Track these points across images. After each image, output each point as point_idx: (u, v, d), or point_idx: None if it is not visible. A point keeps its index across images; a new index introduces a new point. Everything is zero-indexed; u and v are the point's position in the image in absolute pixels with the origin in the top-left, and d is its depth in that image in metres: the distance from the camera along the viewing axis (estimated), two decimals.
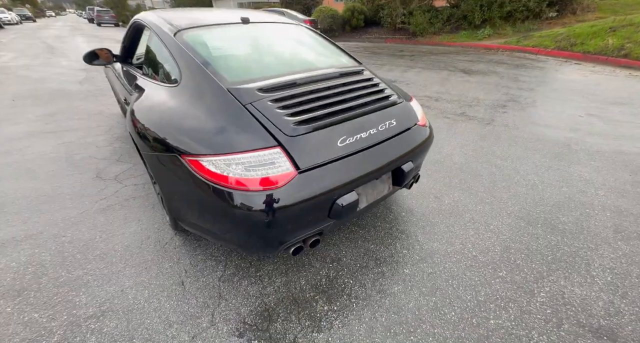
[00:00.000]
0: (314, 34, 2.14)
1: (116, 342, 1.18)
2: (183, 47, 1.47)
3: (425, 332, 1.24)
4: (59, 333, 1.21)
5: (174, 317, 1.29)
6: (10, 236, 1.73)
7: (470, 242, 1.72)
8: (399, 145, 1.48)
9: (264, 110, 1.22)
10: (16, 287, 1.42)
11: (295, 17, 12.06)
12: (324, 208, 1.24)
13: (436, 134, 3.18)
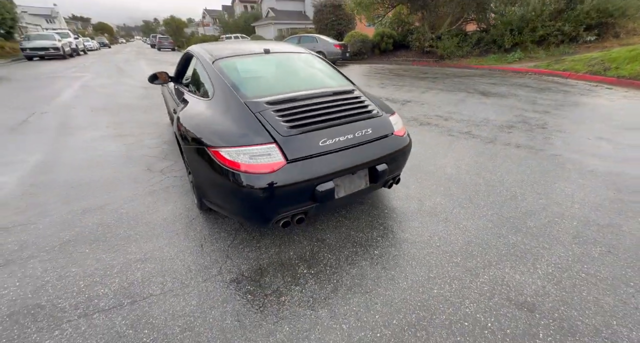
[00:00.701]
0: (321, 61, 2.65)
1: (153, 277, 1.67)
2: (217, 71, 2.06)
3: (378, 293, 1.57)
4: (117, 267, 1.74)
5: (193, 266, 1.76)
6: (86, 207, 2.37)
7: (437, 236, 2.01)
8: (373, 149, 1.89)
9: (268, 117, 1.71)
10: (91, 238, 2.00)
11: (327, 41, 13.04)
12: (307, 191, 1.66)
13: (436, 149, 3.48)
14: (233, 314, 1.45)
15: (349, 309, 1.48)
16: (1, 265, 1.76)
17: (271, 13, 30.46)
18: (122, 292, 1.57)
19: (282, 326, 1.40)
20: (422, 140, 3.80)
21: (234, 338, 1.34)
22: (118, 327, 1.38)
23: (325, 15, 18.35)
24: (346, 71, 11.19)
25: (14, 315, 1.43)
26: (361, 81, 8.74)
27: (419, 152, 3.42)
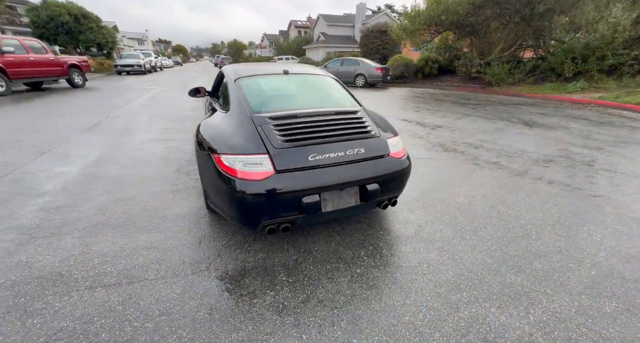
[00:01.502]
0: (335, 84, 2.80)
1: (152, 264, 1.88)
2: (236, 88, 2.33)
3: (347, 310, 1.56)
4: (127, 251, 2.00)
5: (187, 259, 1.94)
6: (119, 197, 2.75)
7: (427, 263, 1.93)
8: (364, 168, 1.94)
9: (266, 130, 1.89)
10: (115, 224, 2.33)
11: (368, 64, 13.38)
12: (293, 202, 1.77)
13: (454, 176, 3.34)
14: (207, 307, 1.57)
15: (313, 321, 1.50)
16: (46, 236, 2.14)
17: (322, 37, 32.38)
18: (124, 273, 1.80)
19: (246, 325, 1.47)
20: (441, 166, 3.68)
21: (201, 328, 1.45)
22: (111, 302, 1.59)
23: (371, 40, 18.94)
24: (385, 94, 11.31)
25: (40, 278, 1.74)
26: (396, 104, 8.76)
27: (433, 177, 3.32)
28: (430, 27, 13.46)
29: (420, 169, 3.58)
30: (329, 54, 29.55)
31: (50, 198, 2.69)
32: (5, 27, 23.17)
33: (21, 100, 7.93)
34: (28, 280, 1.72)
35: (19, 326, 1.43)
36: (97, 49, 21.49)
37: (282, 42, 39.26)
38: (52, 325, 1.43)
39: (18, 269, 1.80)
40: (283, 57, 30.48)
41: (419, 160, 3.89)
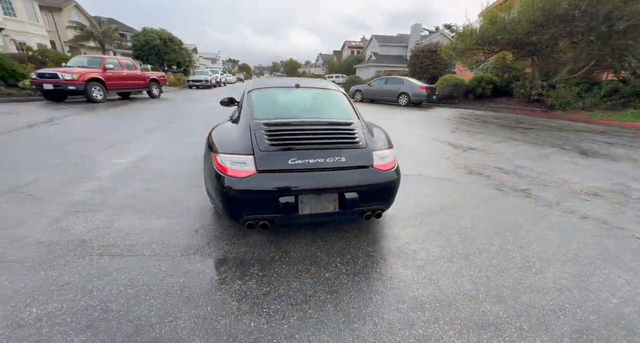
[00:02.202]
0: (342, 98, 2.93)
1: (153, 243, 2.18)
2: (247, 98, 2.63)
3: (300, 308, 1.62)
4: (139, 229, 2.35)
5: (182, 244, 2.20)
6: (150, 187, 3.22)
7: (398, 279, 1.88)
8: (343, 176, 2.01)
9: (258, 135, 2.10)
10: (140, 208, 2.74)
11: (413, 83, 13.20)
12: (271, 201, 1.92)
13: (468, 200, 3.15)
14: (181, 285, 1.78)
15: (266, 312, 1.60)
16: (85, 211, 2.62)
17: (373, 57, 32.95)
18: (129, 247, 2.13)
19: (207, 305, 1.63)
20: (457, 188, 3.48)
21: (169, 301, 1.65)
22: (110, 268, 1.90)
23: (421, 59, 18.68)
24: (426, 113, 10.99)
25: (69, 242, 2.15)
26: (434, 124, 8.45)
27: (443, 198, 3.17)
28: (483, 46, 12.82)
29: (430, 189, 3.44)
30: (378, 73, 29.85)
31: (100, 182, 3.28)
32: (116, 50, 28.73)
33: (111, 106, 9.69)
34: (61, 242, 2.15)
35: (42, 275, 1.80)
36: (177, 66, 25.22)
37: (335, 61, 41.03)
38: (64, 279, 1.78)
39: (57, 233, 2.26)
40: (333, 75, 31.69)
41: (434, 180, 3.74)
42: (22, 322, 1.47)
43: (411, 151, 5.16)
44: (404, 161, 4.45)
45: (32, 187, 3.03)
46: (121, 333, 1.43)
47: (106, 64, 10.44)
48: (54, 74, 9.19)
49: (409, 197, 3.15)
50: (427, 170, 4.08)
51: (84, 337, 1.40)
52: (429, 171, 4.06)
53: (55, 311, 1.54)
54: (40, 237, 2.18)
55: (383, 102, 14.49)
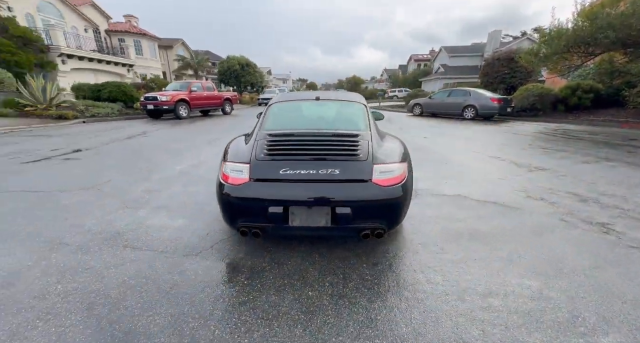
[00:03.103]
0: (359, 110, 2.79)
1: (167, 240, 2.42)
2: (266, 110, 2.76)
3: (269, 326, 1.55)
4: (160, 226, 2.64)
5: (190, 243, 2.37)
6: (191, 191, 3.60)
7: (387, 311, 1.64)
8: (335, 189, 1.90)
9: (259, 144, 2.17)
10: (174, 208, 3.09)
11: (481, 95, 11.89)
12: (262, 210, 1.93)
13: (515, 229, 2.62)
14: (172, 283, 1.90)
15: (235, 322, 1.58)
16: (131, 208, 3.08)
17: (441, 69, 31.06)
18: (148, 242, 2.40)
19: (184, 306, 1.70)
20: (503, 214, 2.92)
21: (157, 295, 1.77)
22: (126, 259, 2.16)
23: (496, 68, 16.76)
24: (495, 128, 9.71)
25: (109, 233, 2.55)
26: (501, 140, 7.37)
27: (480, 225, 2.69)
28: (577, 48, 10.77)
29: (467, 212, 2.96)
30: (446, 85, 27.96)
31: (152, 184, 3.84)
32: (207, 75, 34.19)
33: (191, 122, 11.42)
34: (103, 232, 2.56)
35: (78, 258, 2.17)
36: (251, 87, 28.46)
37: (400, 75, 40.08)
38: (90, 263, 2.10)
39: (105, 224, 2.70)
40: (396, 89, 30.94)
41: (476, 202, 3.21)
42: (47, 295, 1.78)
43: (459, 169, 4.57)
44: (444, 179, 3.98)
45: (106, 185, 3.74)
46: (107, 319, 1.60)
47: (192, 87, 12.47)
48: (154, 97, 11.39)
49: (435, 220, 2.77)
50: (470, 191, 3.54)
51: (79, 317, 1.61)
52: (473, 192, 3.51)
53: (72, 290, 1.82)
54: (91, 226, 2.65)
55: (446, 116, 13.41)
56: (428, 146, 6.42)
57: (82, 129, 9.13)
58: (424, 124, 10.99)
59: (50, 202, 3.16)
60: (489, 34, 29.83)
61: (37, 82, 10.89)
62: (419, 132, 8.69)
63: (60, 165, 4.70)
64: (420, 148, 6.17)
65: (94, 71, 20.24)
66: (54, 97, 11.11)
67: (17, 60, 14.36)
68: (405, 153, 2.38)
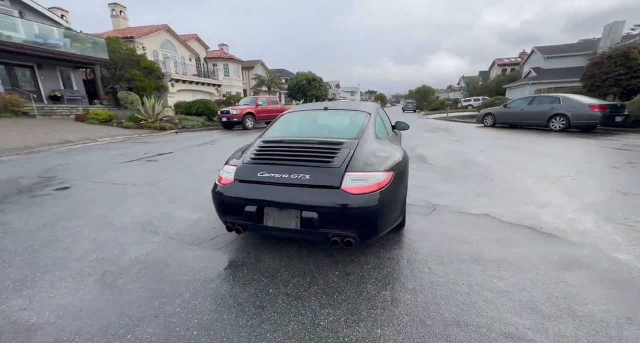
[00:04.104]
0: (361, 119, 2.78)
1: (183, 230, 2.83)
2: (279, 119, 3.02)
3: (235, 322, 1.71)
4: (182, 219, 3.11)
5: (201, 235, 2.72)
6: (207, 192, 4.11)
7: (337, 320, 1.60)
8: (304, 194, 1.96)
9: (251, 149, 2.40)
10: (194, 202, 3.59)
11: (575, 102, 9.84)
12: (240, 208, 2.13)
13: (541, 260, 2.17)
14: (167, 263, 2.24)
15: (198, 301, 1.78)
16: (172, 202, 3.69)
17: (532, 73, 26.80)
18: (166, 229, 2.84)
19: (172, 280, 2.00)
20: (532, 240, 2.44)
21: (146, 275, 2.12)
22: (147, 242, 2.62)
23: (605, 68, 13.66)
24: (592, 141, 7.99)
25: (146, 222, 3.13)
26: (589, 155, 6.02)
27: (496, 251, 2.34)
28: None
29: (487, 234, 2.59)
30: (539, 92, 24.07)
31: (196, 183, 4.48)
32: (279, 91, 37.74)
33: (255, 132, 12.75)
34: (141, 218, 3.15)
35: (115, 236, 2.75)
36: (315, 99, 30.10)
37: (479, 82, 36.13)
38: (120, 240, 2.64)
39: (148, 213, 3.32)
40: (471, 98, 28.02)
41: (503, 225, 2.77)
42: (83, 259, 2.33)
43: (503, 186, 3.95)
44: (477, 197, 3.52)
45: (162, 182, 4.56)
46: (110, 282, 2.01)
47: (258, 101, 14.01)
48: (227, 111, 13.20)
49: (441, 239, 2.52)
50: (502, 211, 3.05)
51: (94, 279, 2.06)
52: (506, 213, 3.01)
53: (100, 259, 2.33)
54: (136, 213, 3.30)
55: (527, 127, 11.56)
56: (477, 160, 5.70)
57: (172, 138, 11.21)
58: (489, 135, 9.72)
59: (120, 192, 4.05)
60: (604, 27, 24.50)
61: (149, 102, 13.93)
62: (477, 145, 7.76)
63: (142, 165, 5.92)
64: (467, 162, 5.54)
65: (192, 91, 24.56)
66: (159, 112, 13.98)
67: (143, 86, 18.72)
68: (398, 163, 2.28)
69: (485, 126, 13.00)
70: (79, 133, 10.72)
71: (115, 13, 25.31)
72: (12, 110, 12.52)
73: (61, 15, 21.24)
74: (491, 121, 12.79)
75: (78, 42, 16.05)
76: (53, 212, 3.29)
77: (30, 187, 4.33)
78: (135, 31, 23.26)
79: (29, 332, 1.56)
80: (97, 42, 16.74)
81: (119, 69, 18.28)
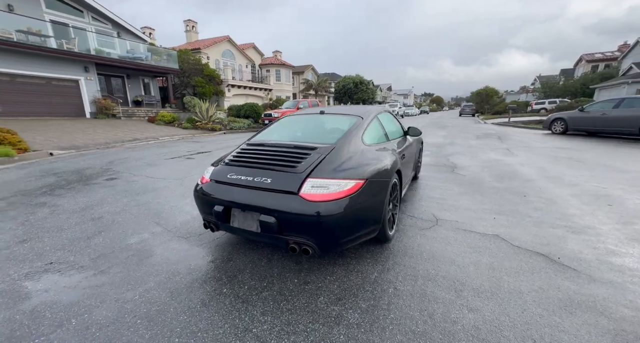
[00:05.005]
0: (347, 124, 2.67)
1: (181, 224, 3.08)
2: (275, 122, 3.08)
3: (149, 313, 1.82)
4: (185, 213, 3.37)
5: (192, 228, 2.93)
6: None
7: (271, 328, 1.57)
8: (263, 198, 1.96)
9: (234, 151, 2.48)
10: None
11: None
12: (211, 207, 2.22)
13: (533, 297, 1.82)
14: (153, 252, 2.44)
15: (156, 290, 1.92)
16: (183, 196, 4.03)
17: (635, 69, 22.07)
18: (168, 221, 3.11)
19: (148, 267, 2.19)
20: (538, 271, 2.03)
21: (138, 258, 2.35)
22: (148, 229, 2.92)
23: None
24: None
25: (157, 212, 3.48)
26: None
27: (482, 279, 2.00)
28: None
29: (483, 258, 2.24)
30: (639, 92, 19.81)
31: None
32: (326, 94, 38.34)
33: None
34: (154, 209, 3.51)
35: (126, 223, 3.11)
36: (362, 103, 29.71)
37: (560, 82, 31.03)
38: (127, 228, 2.97)
39: (159, 204, 3.69)
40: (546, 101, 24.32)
41: (512, 249, 2.36)
42: (91, 240, 2.69)
43: (534, 204, 3.37)
44: (494, 214, 3.08)
45: (187, 178, 4.98)
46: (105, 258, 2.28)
47: (299, 105, 14.50)
48: (270, 113, 13.95)
49: (426, 258, 2.26)
50: (519, 234, 2.59)
51: (92, 257, 2.37)
52: (522, 235, 2.56)
53: (104, 241, 2.66)
54: (153, 204, 3.68)
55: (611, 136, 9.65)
56: (521, 173, 4.94)
57: (219, 138, 12.25)
58: (551, 144, 8.34)
59: (150, 185, 4.57)
60: None
61: (204, 105, 15.49)
62: (529, 155, 6.73)
63: (181, 162, 6.60)
64: (505, 174, 4.85)
65: (246, 95, 26.51)
66: (211, 115, 15.45)
67: (204, 91, 20.94)
68: (378, 172, 2.16)
69: (553, 133, 11.21)
70: (146, 132, 12.46)
71: (189, 28, 28.80)
72: (105, 112, 15.20)
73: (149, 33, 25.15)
74: (561, 128, 10.96)
75: (157, 54, 18.71)
76: (91, 199, 3.89)
77: (89, 176, 5.19)
78: (202, 43, 26.12)
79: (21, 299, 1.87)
80: (171, 54, 19.26)
81: (186, 77, 20.75)
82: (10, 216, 3.30)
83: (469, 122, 20.67)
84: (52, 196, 4.02)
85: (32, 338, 1.51)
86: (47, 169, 5.79)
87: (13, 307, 1.76)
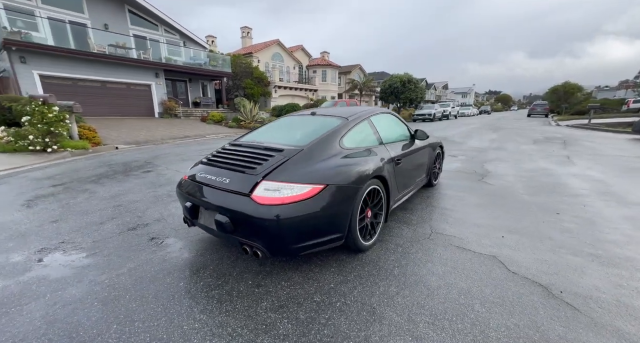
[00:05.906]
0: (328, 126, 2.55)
1: (176, 223, 3.31)
2: (270, 122, 3.12)
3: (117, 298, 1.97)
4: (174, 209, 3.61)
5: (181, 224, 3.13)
6: None
7: (225, 327, 1.60)
8: (220, 197, 2.00)
9: (215, 150, 2.57)
10: None
11: None
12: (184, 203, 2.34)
13: (515, 335, 1.51)
14: (139, 244, 2.67)
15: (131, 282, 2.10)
16: None
17: None
18: (164, 218, 3.39)
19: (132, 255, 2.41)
20: (531, 307, 1.68)
21: (125, 247, 2.60)
22: (146, 223, 3.21)
23: None
24: None
25: (160, 207, 3.81)
26: None
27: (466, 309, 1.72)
28: None
29: (469, 284, 1.93)
30: None
31: None
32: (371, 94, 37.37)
33: None
34: (161, 202, 3.85)
35: (135, 212, 3.47)
36: (410, 103, 28.18)
37: None
38: (130, 221, 3.31)
39: (164, 202, 4.03)
40: None
41: (508, 276, 2.01)
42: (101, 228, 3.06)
43: (564, 225, 2.78)
44: (504, 233, 2.67)
45: None
46: (99, 245, 2.58)
47: (338, 105, 14.39)
48: None
49: (400, 276, 2.04)
50: (523, 258, 2.17)
51: (91, 243, 2.70)
52: (526, 259, 2.14)
53: (108, 232, 3.01)
54: (160, 194, 4.04)
55: None
56: (568, 185, 4.14)
57: None
58: (631, 154, 6.80)
59: (176, 178, 5.00)
60: None
61: (248, 105, 16.47)
62: (592, 165, 5.60)
63: None
64: (545, 186, 4.11)
65: (292, 96, 27.42)
66: (255, 114, 16.34)
67: (253, 93, 22.31)
68: (347, 178, 2.05)
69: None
70: (197, 130, 13.77)
71: (244, 34, 30.89)
72: (169, 112, 17.26)
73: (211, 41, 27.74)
74: None
75: (214, 60, 20.55)
76: (122, 188, 4.43)
77: (132, 168, 5.94)
78: (254, 47, 27.81)
79: None
80: (225, 59, 20.93)
81: (238, 80, 22.33)
82: (59, 199, 3.95)
83: (535, 124, 18.08)
84: (96, 184, 4.69)
85: (10, 307, 1.78)
86: (106, 161, 6.78)
87: (13, 277, 2.10)
